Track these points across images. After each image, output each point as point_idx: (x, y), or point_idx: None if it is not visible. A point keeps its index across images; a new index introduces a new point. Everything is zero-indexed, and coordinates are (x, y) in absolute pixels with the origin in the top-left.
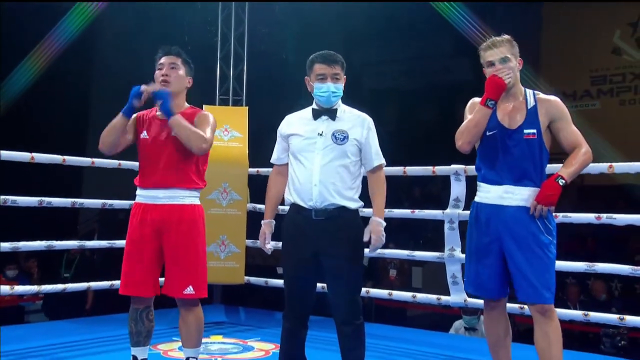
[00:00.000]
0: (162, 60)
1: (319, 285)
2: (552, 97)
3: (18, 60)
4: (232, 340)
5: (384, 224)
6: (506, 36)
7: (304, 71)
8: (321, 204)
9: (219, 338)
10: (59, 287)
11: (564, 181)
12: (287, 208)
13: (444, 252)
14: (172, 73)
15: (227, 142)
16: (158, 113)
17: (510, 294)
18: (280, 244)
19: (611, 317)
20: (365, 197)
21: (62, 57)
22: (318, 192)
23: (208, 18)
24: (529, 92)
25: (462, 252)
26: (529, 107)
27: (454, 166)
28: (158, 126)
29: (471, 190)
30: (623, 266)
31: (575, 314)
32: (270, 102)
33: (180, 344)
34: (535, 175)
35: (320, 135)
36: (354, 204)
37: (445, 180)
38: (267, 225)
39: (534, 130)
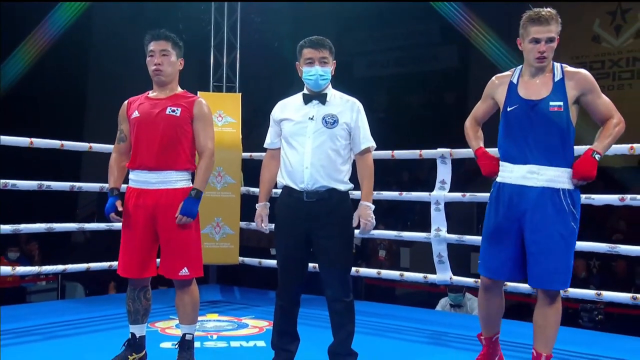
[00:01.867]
0: (152, 46)
1: (310, 264)
2: (581, 70)
3: (14, 46)
4: (227, 318)
5: (373, 207)
6: (553, 10)
7: (296, 58)
8: (312, 186)
9: (215, 316)
10: (60, 267)
11: (599, 156)
12: (279, 191)
13: (430, 232)
14: (164, 60)
15: (221, 127)
16: (151, 94)
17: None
18: (274, 225)
19: (589, 293)
20: (354, 180)
21: (59, 44)
22: (309, 174)
23: (201, 7)
24: (557, 65)
25: (448, 232)
26: (555, 80)
27: (440, 150)
28: (149, 105)
29: (457, 172)
30: (601, 244)
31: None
32: (263, 88)
33: (177, 321)
34: (563, 153)
35: (311, 119)
36: (344, 186)
37: (432, 164)
38: (263, 208)
39: (560, 103)
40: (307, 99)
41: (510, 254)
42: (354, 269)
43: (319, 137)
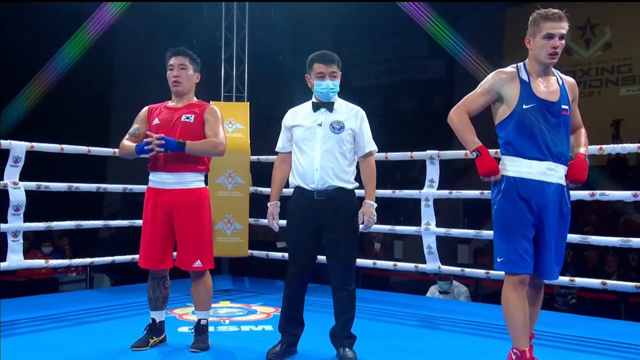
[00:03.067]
0: (172, 61)
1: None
2: (571, 79)
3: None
4: (238, 305)
5: (375, 205)
6: (565, 13)
7: (298, 71)
8: (322, 186)
9: (227, 303)
10: (87, 260)
11: (587, 160)
12: (290, 191)
13: (420, 226)
14: (182, 74)
15: (231, 133)
16: (170, 104)
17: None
18: (283, 221)
19: (564, 279)
20: (358, 180)
21: (85, 58)
22: (319, 175)
23: (213, 24)
24: (554, 70)
25: (437, 226)
26: (560, 84)
27: (429, 152)
28: (167, 114)
29: (444, 172)
30: (574, 236)
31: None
32: (269, 98)
33: (193, 308)
34: (567, 152)
35: (320, 125)
36: (351, 185)
37: (422, 164)
38: (274, 207)
39: (567, 107)
40: (315, 107)
41: (530, 247)
42: None
43: (328, 142)
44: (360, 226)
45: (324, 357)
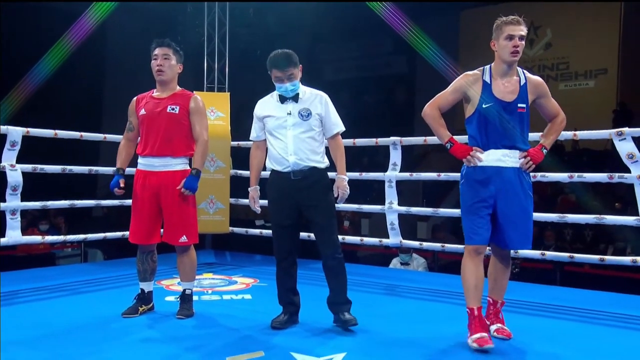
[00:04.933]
0: (156, 52)
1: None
2: (538, 78)
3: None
4: (220, 276)
5: (347, 178)
6: (522, 18)
7: None
8: (297, 167)
9: (210, 275)
10: (81, 237)
11: (546, 150)
12: (267, 174)
13: (384, 205)
14: (165, 63)
15: (213, 120)
16: (155, 94)
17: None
18: (263, 201)
19: None
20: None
21: (80, 52)
22: (293, 159)
23: (196, 21)
24: (521, 70)
25: (399, 205)
26: (521, 84)
27: (392, 138)
28: (154, 104)
29: (406, 157)
30: None
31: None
32: (248, 88)
33: (178, 279)
34: (522, 142)
35: (289, 114)
36: (323, 164)
37: (386, 149)
38: (254, 191)
39: (524, 105)
40: (282, 99)
41: (489, 223)
42: None
43: (298, 128)
44: (337, 199)
45: (318, 325)
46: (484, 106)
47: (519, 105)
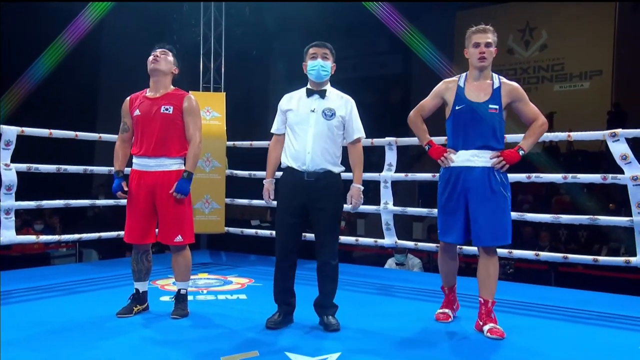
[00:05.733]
0: (156, 49)
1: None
2: (514, 83)
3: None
4: (215, 276)
5: (362, 188)
6: (490, 27)
7: (271, 64)
8: (312, 167)
9: (205, 275)
10: (75, 236)
11: (523, 152)
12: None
13: (380, 205)
14: (162, 56)
15: (209, 120)
16: (149, 94)
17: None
18: (260, 201)
19: (503, 251)
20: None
21: (76, 51)
22: (311, 158)
23: (192, 21)
24: (496, 76)
25: (394, 205)
26: (494, 87)
27: (388, 138)
28: (148, 105)
29: (401, 157)
30: (512, 213)
31: (473, 249)
32: (243, 88)
33: (173, 279)
34: (495, 142)
35: (313, 111)
36: (338, 168)
37: (381, 150)
38: (269, 184)
39: (497, 106)
40: (309, 93)
41: (461, 222)
42: None
43: (319, 127)
44: (348, 207)
45: (312, 325)
46: (457, 108)
47: (490, 106)
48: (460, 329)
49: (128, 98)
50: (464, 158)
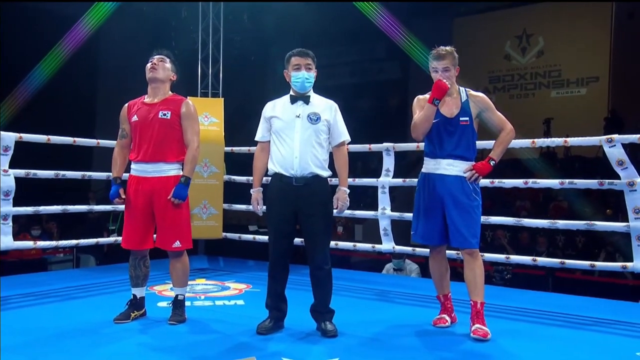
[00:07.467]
0: (154, 56)
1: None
2: (480, 94)
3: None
4: (213, 282)
5: (348, 191)
6: (449, 48)
7: (269, 70)
8: (301, 172)
9: (203, 281)
10: (73, 242)
11: (494, 162)
12: (266, 179)
13: (377, 211)
14: (160, 63)
15: (207, 126)
16: (147, 99)
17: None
18: (265, 206)
19: (500, 257)
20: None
21: (74, 57)
22: (299, 163)
23: (191, 27)
24: (462, 89)
25: (392, 210)
26: (462, 101)
27: (385, 144)
28: (145, 111)
29: (399, 163)
30: (509, 219)
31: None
32: (242, 94)
33: (171, 285)
34: (468, 152)
35: (298, 117)
36: (326, 172)
37: (379, 155)
38: (258, 193)
39: (467, 118)
40: (293, 100)
41: (437, 225)
42: None
43: (305, 132)
44: (335, 210)
45: (308, 331)
46: (433, 122)
47: (461, 119)
48: (457, 335)
49: (126, 104)
50: (440, 166)
